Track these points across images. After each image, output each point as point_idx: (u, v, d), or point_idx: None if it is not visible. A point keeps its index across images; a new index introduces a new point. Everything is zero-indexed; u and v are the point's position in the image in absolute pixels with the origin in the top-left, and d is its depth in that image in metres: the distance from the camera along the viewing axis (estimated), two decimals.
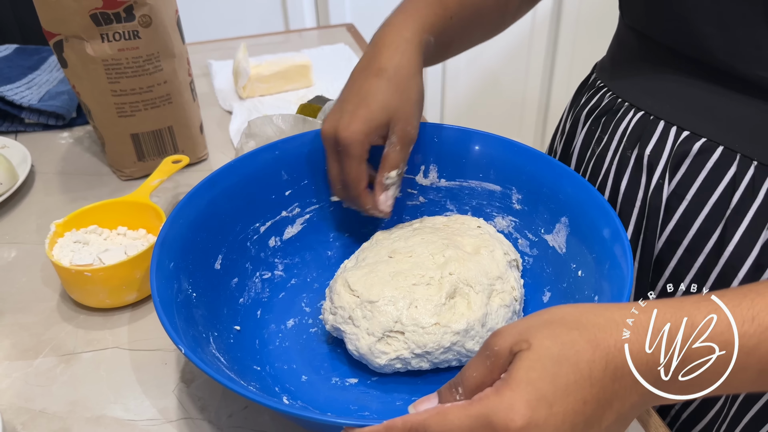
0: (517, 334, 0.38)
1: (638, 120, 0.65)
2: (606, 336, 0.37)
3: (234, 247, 0.64)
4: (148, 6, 0.76)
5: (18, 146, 0.91)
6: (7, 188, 0.82)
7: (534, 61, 2.31)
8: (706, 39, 0.57)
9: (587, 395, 0.36)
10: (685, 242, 0.62)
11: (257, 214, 0.66)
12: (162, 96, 0.82)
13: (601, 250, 0.57)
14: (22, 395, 0.59)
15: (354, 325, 0.57)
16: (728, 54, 0.56)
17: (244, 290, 0.64)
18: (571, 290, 0.60)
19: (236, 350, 0.58)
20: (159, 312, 0.50)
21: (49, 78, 1.06)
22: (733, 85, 0.57)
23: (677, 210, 0.62)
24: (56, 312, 0.68)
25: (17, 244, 0.77)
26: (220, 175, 0.64)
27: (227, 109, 1.05)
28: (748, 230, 0.57)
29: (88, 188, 0.87)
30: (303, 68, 1.10)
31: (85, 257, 0.66)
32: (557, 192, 0.63)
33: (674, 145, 0.61)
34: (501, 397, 0.36)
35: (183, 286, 0.56)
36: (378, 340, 0.56)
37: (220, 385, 0.58)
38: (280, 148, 0.67)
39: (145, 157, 0.86)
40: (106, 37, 0.76)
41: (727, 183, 0.58)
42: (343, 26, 1.38)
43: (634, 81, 0.67)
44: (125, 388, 0.59)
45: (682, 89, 0.61)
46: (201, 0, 1.85)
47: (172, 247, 0.57)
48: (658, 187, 0.62)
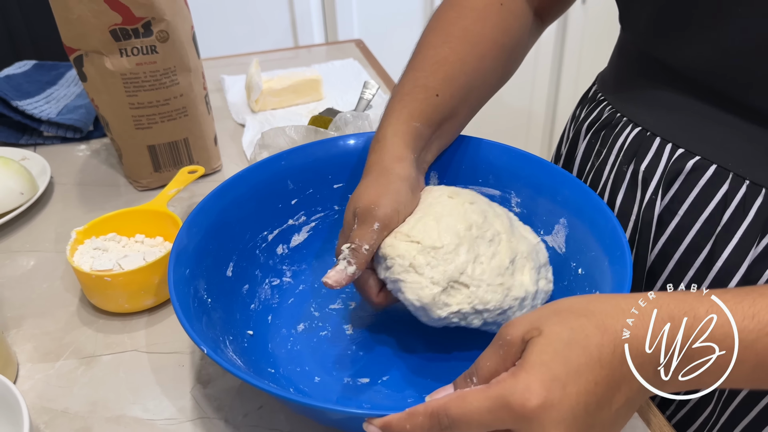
0: (528, 323, 0.40)
1: (635, 136, 0.66)
2: (614, 321, 0.39)
3: (244, 255, 0.66)
4: (166, 22, 0.79)
5: (37, 158, 0.93)
6: (27, 199, 0.84)
7: (540, 72, 2.33)
8: (704, 64, 0.58)
9: (598, 377, 0.38)
10: (677, 256, 0.63)
11: (265, 222, 0.68)
12: (178, 109, 0.85)
13: (599, 248, 0.59)
14: (44, 396, 0.61)
15: (417, 273, 0.55)
16: (723, 81, 0.57)
17: (255, 296, 0.66)
18: (572, 288, 0.61)
19: (250, 354, 0.60)
20: (179, 315, 0.52)
21: (66, 92, 1.09)
22: (728, 107, 0.58)
23: (669, 224, 0.63)
24: (76, 317, 0.70)
25: (37, 252, 0.80)
26: (230, 185, 0.66)
27: (240, 122, 1.08)
28: (738, 247, 0.58)
29: (105, 199, 0.89)
30: (313, 82, 1.12)
31: (105, 263, 0.68)
32: (555, 194, 0.65)
33: (669, 161, 0.62)
34: (517, 379, 0.38)
35: (199, 291, 0.58)
36: (443, 291, 0.55)
37: (235, 386, 0.61)
38: (286, 158, 0.69)
39: (161, 168, 0.88)
40: (124, 52, 0.79)
41: (718, 200, 0.59)
42: (352, 42, 1.41)
43: (633, 96, 0.68)
44: (144, 389, 0.61)
45: (678, 108, 0.62)
46: (215, 17, 1.89)
47: (187, 254, 0.59)
48: (650, 202, 0.64)
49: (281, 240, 0.70)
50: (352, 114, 0.84)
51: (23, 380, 0.62)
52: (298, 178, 0.69)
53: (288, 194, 0.69)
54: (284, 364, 0.61)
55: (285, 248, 0.70)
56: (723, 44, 0.55)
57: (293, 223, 0.70)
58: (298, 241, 0.71)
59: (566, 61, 2.28)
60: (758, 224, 0.57)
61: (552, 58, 2.30)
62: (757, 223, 0.57)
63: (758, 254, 0.58)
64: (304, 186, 0.70)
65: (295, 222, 0.70)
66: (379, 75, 1.23)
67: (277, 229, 0.69)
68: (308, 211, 0.71)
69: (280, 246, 0.70)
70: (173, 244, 0.59)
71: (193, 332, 0.50)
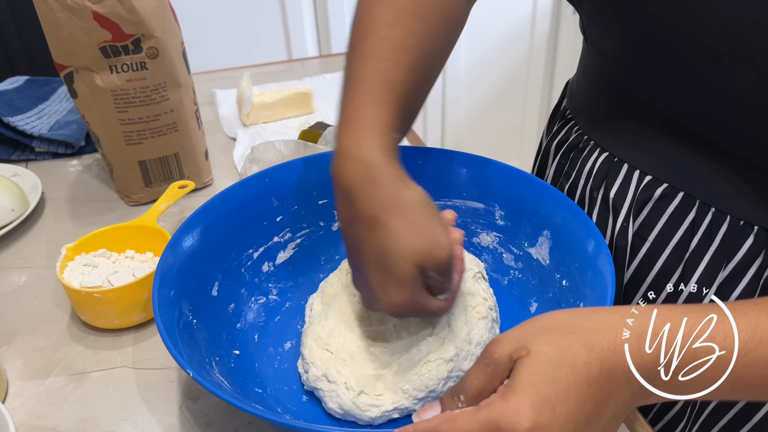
0: (515, 341, 0.40)
1: (603, 160, 0.66)
2: (600, 338, 0.39)
3: (229, 274, 0.66)
4: (155, 39, 0.79)
5: (29, 174, 0.94)
6: (18, 215, 0.84)
7: (532, 86, 2.34)
8: (665, 100, 0.58)
9: (586, 395, 0.38)
10: (648, 280, 0.64)
11: (250, 240, 0.68)
12: (168, 124, 0.85)
13: (583, 260, 0.59)
14: (34, 413, 0.61)
15: (329, 381, 0.56)
16: (685, 118, 0.58)
17: (241, 315, 0.66)
18: (557, 299, 0.62)
19: (237, 374, 0.59)
20: (164, 338, 0.51)
21: (58, 108, 1.09)
22: (690, 139, 0.58)
23: (640, 250, 0.64)
24: (66, 333, 0.70)
25: (28, 268, 0.80)
26: (214, 204, 0.65)
27: (231, 136, 1.08)
28: (706, 270, 0.60)
29: (96, 214, 0.89)
30: (304, 96, 1.13)
31: (95, 279, 0.68)
32: (538, 207, 0.65)
33: (637, 188, 0.63)
34: (507, 402, 0.38)
35: (184, 312, 0.58)
36: (359, 394, 0.55)
37: (224, 402, 0.61)
38: (270, 175, 0.69)
39: (152, 183, 0.89)
40: (114, 69, 0.79)
41: (686, 228, 0.61)
42: (344, 55, 1.41)
43: (599, 121, 0.68)
44: (133, 406, 0.61)
45: (643, 136, 0.62)
46: (209, 31, 1.90)
47: (171, 275, 0.59)
48: (622, 229, 0.65)
49: (267, 257, 0.69)
50: None
51: (13, 398, 0.62)
52: (282, 195, 0.69)
53: (273, 211, 0.69)
54: (272, 384, 0.61)
55: (270, 266, 0.70)
56: (680, 88, 0.56)
57: (279, 240, 0.70)
58: (283, 258, 0.71)
59: (558, 74, 2.29)
60: (724, 250, 0.59)
61: (543, 73, 2.31)
62: (723, 249, 0.59)
63: (725, 278, 0.59)
64: (288, 203, 0.70)
65: (280, 239, 0.70)
66: None
67: (262, 247, 0.69)
68: (293, 228, 0.71)
69: (265, 264, 0.69)
70: (157, 265, 0.58)
71: (179, 355, 0.50)
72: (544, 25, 2.21)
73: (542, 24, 2.21)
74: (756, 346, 0.39)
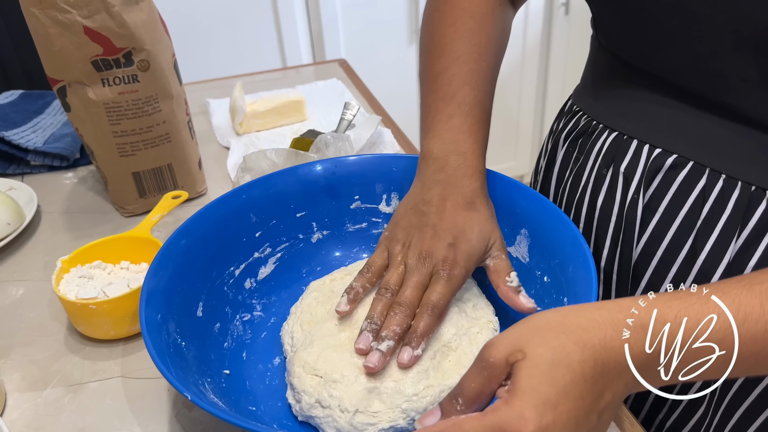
0: (510, 344, 0.41)
1: (613, 140, 0.68)
2: (590, 335, 0.41)
3: (212, 293, 0.66)
4: (146, 51, 0.80)
5: (24, 187, 0.95)
6: (14, 228, 0.85)
7: (526, 90, 2.35)
8: (676, 67, 0.60)
9: (584, 391, 0.40)
10: (659, 253, 0.64)
11: (231, 257, 0.68)
12: (161, 135, 0.86)
13: (563, 256, 0.60)
14: (32, 425, 0.61)
15: (322, 407, 0.55)
16: (696, 82, 0.59)
17: (227, 334, 0.66)
18: (540, 295, 0.62)
19: (230, 394, 0.59)
20: (157, 363, 0.51)
21: (53, 121, 1.10)
22: (701, 105, 0.60)
23: (650, 222, 0.64)
24: (63, 345, 0.71)
25: (25, 281, 0.81)
26: (192, 224, 0.65)
27: (225, 145, 1.09)
28: (719, 240, 0.59)
29: (92, 225, 0.90)
30: (297, 104, 1.14)
31: (90, 291, 0.69)
32: (513, 206, 0.66)
33: (647, 161, 0.64)
34: (511, 407, 0.39)
35: (172, 335, 0.58)
36: (354, 413, 0.54)
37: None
38: (247, 192, 0.70)
39: (146, 193, 0.90)
40: (106, 82, 0.80)
41: (696, 195, 0.61)
42: (336, 62, 1.42)
43: (608, 103, 0.70)
44: (130, 415, 0.62)
45: (653, 109, 0.64)
46: (202, 40, 1.91)
47: (156, 298, 0.59)
48: (633, 201, 0.65)
49: (248, 274, 0.70)
50: (332, 135, 0.85)
51: (11, 410, 0.63)
52: (260, 210, 0.70)
53: (251, 227, 0.70)
54: (264, 401, 0.61)
55: (253, 282, 0.70)
56: (692, 49, 0.57)
57: (259, 255, 0.70)
58: (265, 273, 0.71)
59: (551, 77, 2.31)
60: (737, 217, 0.58)
61: (537, 76, 2.32)
62: (735, 216, 0.58)
63: (739, 247, 0.59)
64: (266, 217, 0.70)
65: (260, 254, 0.70)
66: (362, 94, 1.25)
67: (243, 264, 0.69)
68: (273, 243, 0.71)
69: (247, 280, 0.69)
70: (142, 289, 0.58)
71: (174, 379, 0.50)
72: (536, 28, 2.23)
73: (534, 27, 2.22)
74: (741, 323, 0.40)
